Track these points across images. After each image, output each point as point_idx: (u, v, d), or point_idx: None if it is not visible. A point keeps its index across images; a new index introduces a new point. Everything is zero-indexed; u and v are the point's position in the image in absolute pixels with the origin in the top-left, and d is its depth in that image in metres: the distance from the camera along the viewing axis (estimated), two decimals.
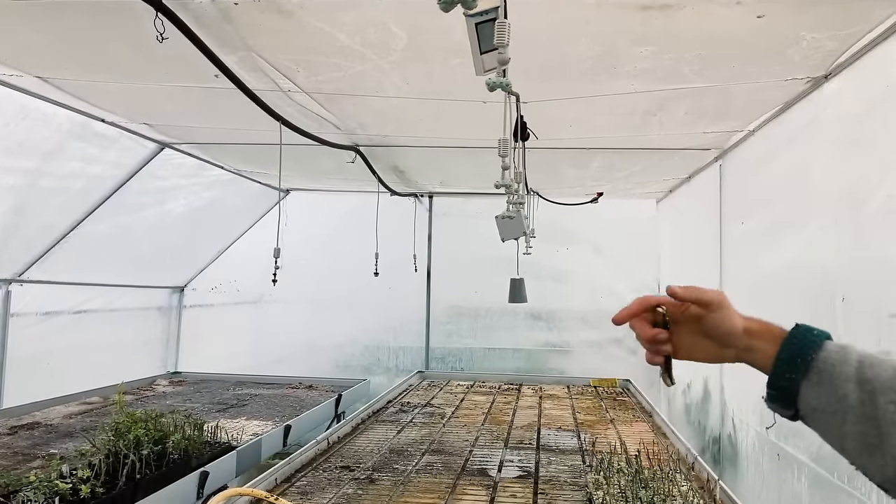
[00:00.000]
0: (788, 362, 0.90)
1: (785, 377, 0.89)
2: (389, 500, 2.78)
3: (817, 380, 0.86)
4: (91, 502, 2.64)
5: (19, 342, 5.44)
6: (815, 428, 0.89)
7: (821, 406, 0.86)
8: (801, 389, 0.88)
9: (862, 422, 0.81)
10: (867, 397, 0.81)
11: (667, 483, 2.70)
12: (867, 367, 0.83)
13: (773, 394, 0.92)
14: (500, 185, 2.23)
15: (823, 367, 0.86)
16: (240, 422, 4.47)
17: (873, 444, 0.80)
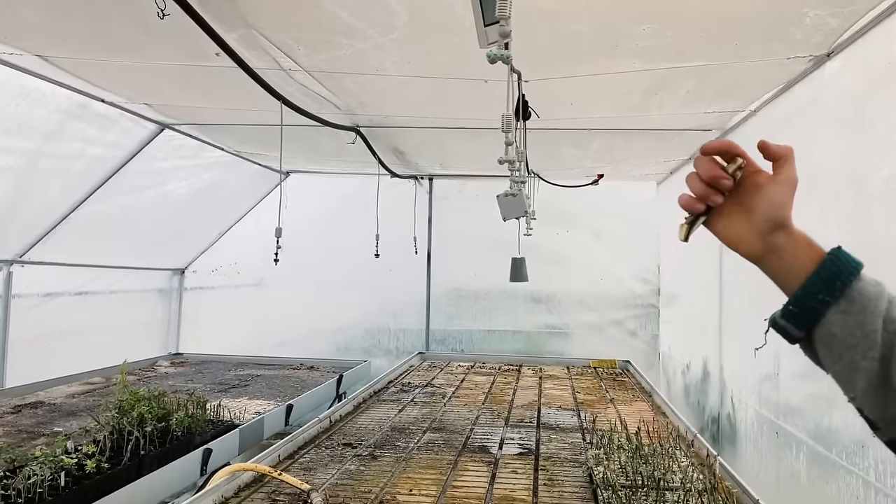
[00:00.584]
0: (827, 283, 0.84)
1: (818, 297, 0.84)
2: (392, 476, 2.80)
3: (846, 307, 0.82)
4: (96, 477, 2.66)
5: (21, 323, 5.46)
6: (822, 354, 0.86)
7: (843, 335, 0.82)
8: (828, 314, 0.83)
9: (876, 360, 0.80)
10: (888, 337, 0.80)
11: (667, 459, 2.73)
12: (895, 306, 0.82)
13: (795, 312, 0.86)
14: (503, 161, 2.24)
15: (858, 298, 0.82)
16: (242, 401, 4.50)
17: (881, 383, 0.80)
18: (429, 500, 2.52)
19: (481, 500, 2.54)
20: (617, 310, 7.71)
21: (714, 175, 0.90)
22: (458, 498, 2.55)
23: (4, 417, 3.97)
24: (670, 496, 2.30)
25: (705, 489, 2.32)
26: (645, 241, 7.57)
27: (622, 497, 2.23)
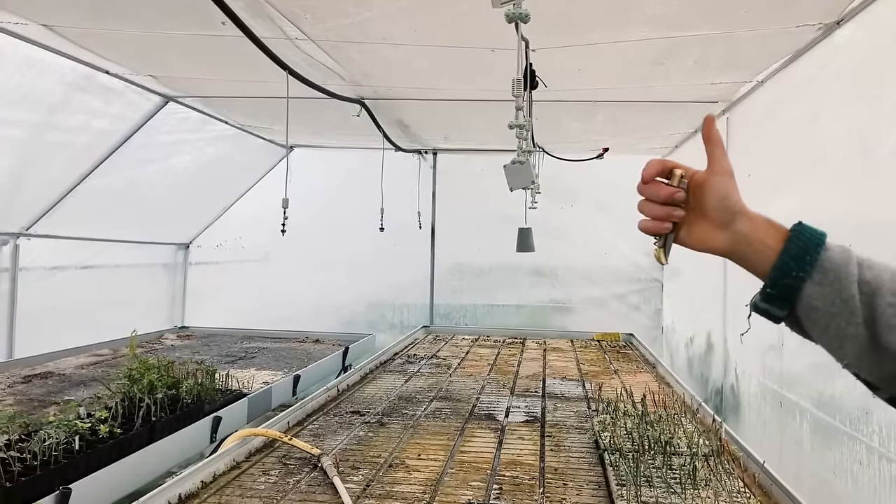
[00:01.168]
0: (797, 259, 0.85)
1: (791, 275, 0.85)
2: (400, 442, 2.84)
3: (820, 279, 0.84)
4: (109, 441, 2.70)
5: (28, 296, 5.49)
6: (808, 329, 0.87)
7: (823, 306, 0.83)
8: (805, 289, 0.85)
9: (860, 324, 0.81)
10: (866, 299, 0.81)
11: (672, 425, 2.76)
12: (866, 268, 0.83)
13: (773, 293, 0.88)
14: (513, 126, 2.24)
15: (829, 267, 0.84)
16: (249, 372, 4.54)
17: (870, 345, 0.81)
18: (437, 464, 2.55)
19: (489, 464, 2.57)
20: (620, 284, 7.73)
21: (668, 193, 0.94)
22: (467, 462, 2.59)
23: (15, 387, 4.01)
24: (677, 460, 2.33)
25: (711, 453, 2.35)
26: None
27: (629, 460, 2.26)
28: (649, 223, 0.96)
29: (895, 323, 0.79)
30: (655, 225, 0.95)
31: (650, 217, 0.95)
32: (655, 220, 0.95)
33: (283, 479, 2.37)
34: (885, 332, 0.80)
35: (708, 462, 2.30)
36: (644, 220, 0.97)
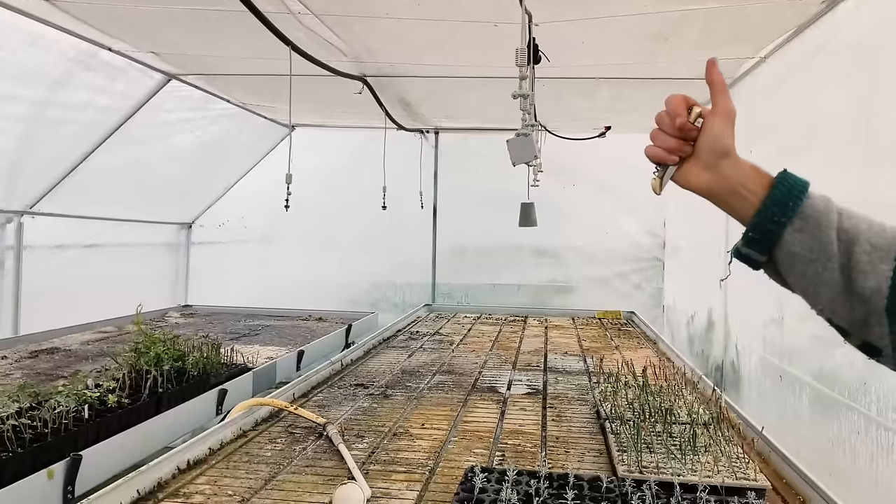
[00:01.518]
0: (780, 205, 0.88)
1: (774, 220, 0.88)
2: (404, 412, 2.87)
3: (801, 226, 0.86)
4: (118, 411, 2.74)
5: (33, 274, 5.52)
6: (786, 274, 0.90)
7: (802, 252, 0.86)
8: (785, 235, 0.87)
9: (836, 269, 0.84)
10: (844, 247, 0.84)
11: (673, 396, 2.79)
12: (845, 218, 0.86)
13: (756, 238, 0.90)
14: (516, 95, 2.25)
15: (811, 214, 0.86)
16: (254, 347, 4.58)
17: (844, 290, 0.84)
18: (441, 433, 2.59)
19: (492, 433, 2.61)
20: (622, 263, 7.75)
21: (683, 126, 0.94)
22: (470, 431, 2.63)
23: (22, 361, 4.05)
24: (677, 428, 2.36)
25: (711, 421, 2.39)
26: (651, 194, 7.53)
27: (630, 427, 2.29)
28: (659, 150, 0.96)
29: (869, 269, 0.82)
30: (665, 154, 0.96)
31: (662, 147, 0.96)
32: (666, 150, 0.96)
33: (289, 446, 2.41)
34: (859, 278, 0.83)
35: (707, 430, 2.33)
36: (652, 146, 0.97)
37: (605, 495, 1.76)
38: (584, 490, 1.80)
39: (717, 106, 0.95)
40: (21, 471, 2.18)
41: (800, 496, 2.00)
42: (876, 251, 0.83)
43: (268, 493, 1.97)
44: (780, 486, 2.09)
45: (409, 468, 2.20)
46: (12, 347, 4.44)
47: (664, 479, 1.89)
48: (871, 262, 0.83)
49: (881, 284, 0.82)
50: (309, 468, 2.19)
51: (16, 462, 2.21)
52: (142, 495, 1.92)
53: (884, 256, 0.83)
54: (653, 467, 2.02)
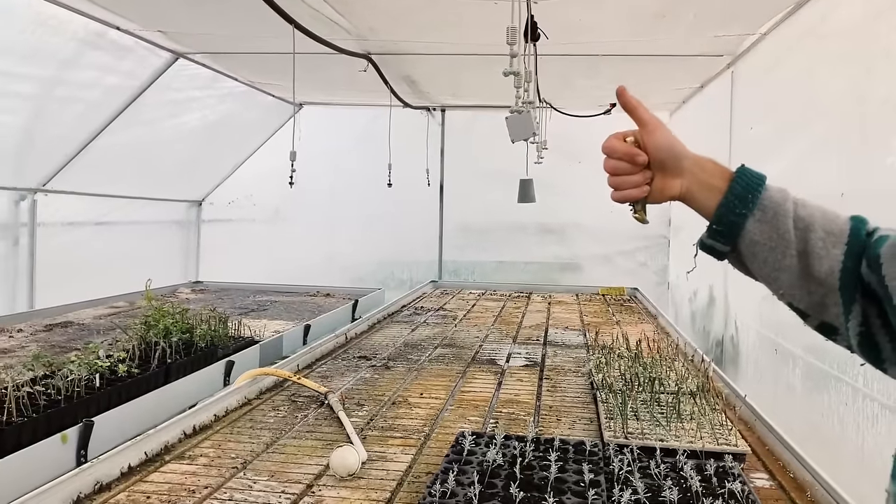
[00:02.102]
0: (740, 198, 0.94)
1: (735, 212, 0.94)
2: (405, 383, 2.97)
3: (761, 216, 0.93)
4: (128, 380, 2.85)
5: (46, 250, 5.65)
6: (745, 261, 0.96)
7: (763, 241, 0.93)
8: (747, 225, 0.94)
9: (794, 255, 0.92)
10: (801, 234, 0.92)
11: (663, 367, 2.86)
12: (801, 207, 0.94)
13: (720, 230, 0.96)
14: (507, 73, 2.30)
15: (769, 205, 0.93)
16: (262, 321, 4.68)
17: (801, 274, 0.92)
18: (438, 402, 2.68)
19: (487, 402, 2.70)
20: (627, 241, 7.80)
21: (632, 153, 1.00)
22: (466, 401, 2.72)
23: (37, 334, 4.18)
24: (664, 398, 2.43)
25: (698, 390, 2.46)
26: None
27: (619, 396, 2.37)
28: (630, 192, 1.01)
29: (824, 254, 0.90)
30: (637, 191, 1.01)
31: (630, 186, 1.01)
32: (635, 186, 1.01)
33: (291, 414, 2.51)
34: (815, 263, 0.91)
35: (695, 399, 2.41)
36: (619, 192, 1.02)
37: (588, 458, 1.85)
38: (568, 453, 1.88)
39: (646, 122, 1.01)
40: (36, 435, 2.29)
41: (779, 461, 2.08)
42: (829, 237, 0.91)
43: (269, 456, 2.07)
44: (762, 452, 2.17)
45: (406, 434, 2.29)
46: (28, 321, 4.57)
47: (647, 444, 1.97)
48: (825, 247, 0.90)
49: (834, 267, 0.89)
50: (309, 433, 2.29)
51: (31, 427, 2.33)
52: (149, 457, 2.02)
53: (836, 241, 0.90)
54: (638, 433, 2.11)
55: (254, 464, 2.01)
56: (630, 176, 1.01)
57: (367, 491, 1.82)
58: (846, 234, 0.90)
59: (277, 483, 1.87)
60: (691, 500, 1.62)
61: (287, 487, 1.84)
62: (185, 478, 1.89)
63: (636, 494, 1.59)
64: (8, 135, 4.92)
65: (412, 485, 1.87)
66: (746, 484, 1.71)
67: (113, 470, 1.87)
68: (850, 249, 0.89)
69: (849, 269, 0.89)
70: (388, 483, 1.87)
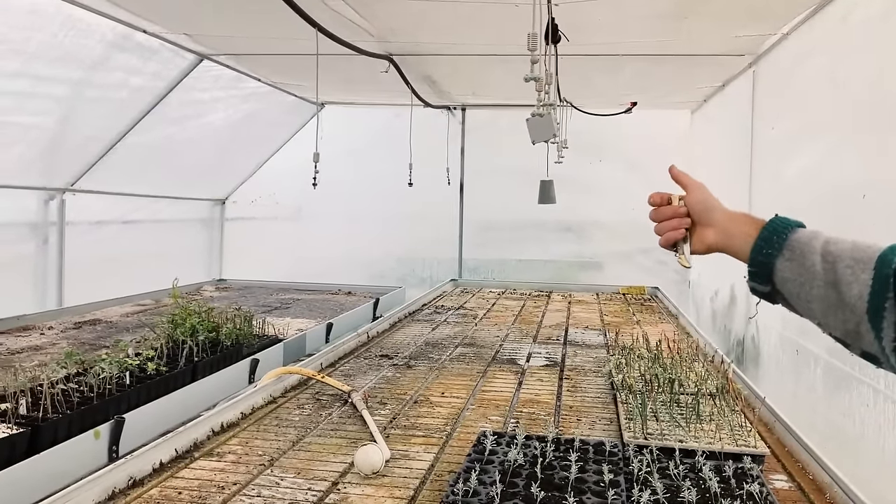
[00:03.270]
0: (766, 240, 1.06)
1: (763, 252, 1.05)
2: (426, 382, 3.01)
3: (790, 255, 1.02)
4: (157, 378, 2.92)
5: (75, 248, 5.77)
6: (787, 298, 1.05)
7: (792, 277, 1.02)
8: (776, 264, 1.04)
9: (824, 286, 0.98)
10: (829, 266, 0.98)
11: (683, 368, 2.88)
12: (832, 244, 1.00)
13: (753, 271, 1.07)
14: (529, 79, 2.33)
15: (795, 245, 1.02)
16: (285, 320, 4.76)
17: (834, 303, 0.97)
18: (459, 401, 2.72)
19: (508, 401, 2.74)
20: (648, 239, 7.70)
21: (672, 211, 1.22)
22: (487, 400, 2.76)
23: (67, 332, 4.28)
24: (684, 398, 2.46)
25: (717, 391, 2.48)
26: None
27: (638, 398, 2.40)
28: (669, 234, 1.21)
29: (853, 280, 0.95)
30: (674, 233, 1.21)
31: (669, 230, 1.22)
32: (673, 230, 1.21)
33: (316, 412, 2.56)
34: (845, 289, 0.96)
35: (714, 400, 2.42)
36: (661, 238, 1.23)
37: (608, 458, 1.88)
38: (588, 454, 1.91)
39: (689, 186, 1.24)
40: (71, 431, 2.37)
41: (799, 463, 2.09)
42: (858, 264, 0.96)
43: (295, 454, 2.12)
44: (781, 454, 2.18)
45: (428, 433, 2.34)
46: (58, 318, 4.68)
47: (665, 445, 1.99)
48: (853, 273, 0.96)
49: (863, 292, 0.94)
50: (334, 432, 2.34)
51: (66, 423, 2.40)
52: (179, 454, 2.08)
53: (864, 268, 0.95)
54: (657, 434, 2.13)
55: (280, 461, 2.06)
56: (668, 221, 1.22)
57: (390, 489, 1.86)
58: (874, 261, 0.95)
59: (304, 480, 1.92)
60: (710, 501, 1.65)
61: (313, 485, 1.89)
62: (214, 474, 1.95)
63: (655, 495, 1.62)
64: (40, 137, 5.04)
65: (435, 483, 1.91)
66: (765, 485, 1.73)
67: (145, 466, 1.94)
68: (878, 273, 0.93)
69: (877, 291, 0.93)
70: (411, 481, 1.92)
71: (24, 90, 4.51)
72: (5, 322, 4.33)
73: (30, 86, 4.51)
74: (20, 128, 4.78)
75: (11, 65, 4.24)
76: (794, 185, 4.04)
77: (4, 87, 4.33)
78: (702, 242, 1.19)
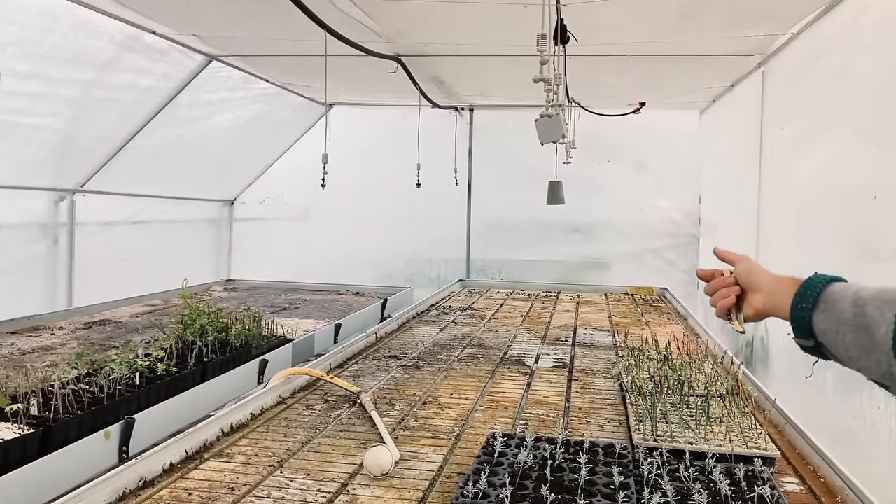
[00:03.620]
0: (802, 296, 1.12)
1: (799, 307, 1.11)
2: (434, 383, 3.01)
3: (824, 307, 1.08)
4: (166, 379, 2.93)
5: (85, 249, 5.80)
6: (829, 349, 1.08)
7: (828, 327, 1.06)
8: (813, 318, 1.09)
9: (856, 330, 1.01)
10: (859, 310, 1.01)
11: (693, 369, 2.87)
12: (862, 290, 1.04)
13: (794, 326, 1.13)
14: (538, 80, 2.33)
15: (829, 297, 1.08)
16: (294, 320, 4.76)
17: (868, 346, 1.00)
18: (468, 402, 2.72)
19: (517, 403, 2.74)
20: (656, 239, 7.76)
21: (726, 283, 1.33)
22: (496, 401, 2.75)
23: (77, 332, 4.30)
24: (694, 400, 2.45)
25: (727, 393, 2.47)
26: (687, 171, 7.55)
27: (648, 400, 2.39)
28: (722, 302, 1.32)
29: (880, 319, 0.98)
30: (725, 301, 1.32)
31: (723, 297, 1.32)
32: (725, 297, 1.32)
33: (324, 413, 2.57)
34: (874, 329, 0.99)
35: (724, 402, 2.42)
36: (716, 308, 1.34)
37: (617, 461, 1.87)
38: (598, 455, 1.91)
39: (735, 259, 1.36)
40: (81, 431, 2.38)
41: (810, 465, 2.08)
42: (885, 304, 0.99)
43: (304, 455, 2.13)
44: (792, 456, 2.17)
45: (437, 434, 2.34)
46: (68, 319, 4.70)
47: (676, 447, 1.99)
48: (881, 314, 0.99)
49: (889, 330, 0.97)
50: (343, 433, 2.34)
51: (77, 424, 2.41)
52: (189, 454, 2.09)
53: (891, 307, 0.98)
54: (667, 436, 2.12)
55: (290, 462, 2.07)
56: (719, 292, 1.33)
57: (400, 490, 1.86)
58: None
59: (313, 482, 1.92)
60: (721, 503, 1.64)
61: (322, 486, 1.89)
62: (224, 475, 1.96)
63: (665, 497, 1.62)
64: (51, 138, 5.07)
65: (444, 485, 1.91)
66: (776, 488, 1.72)
67: (155, 467, 1.94)
68: None
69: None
70: (420, 483, 1.92)
71: (35, 91, 4.54)
72: (16, 322, 4.36)
73: (41, 87, 4.54)
74: (32, 129, 4.81)
75: (24, 66, 4.27)
76: (804, 186, 4.03)
77: (17, 89, 4.35)
78: (751, 307, 1.28)
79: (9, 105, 4.47)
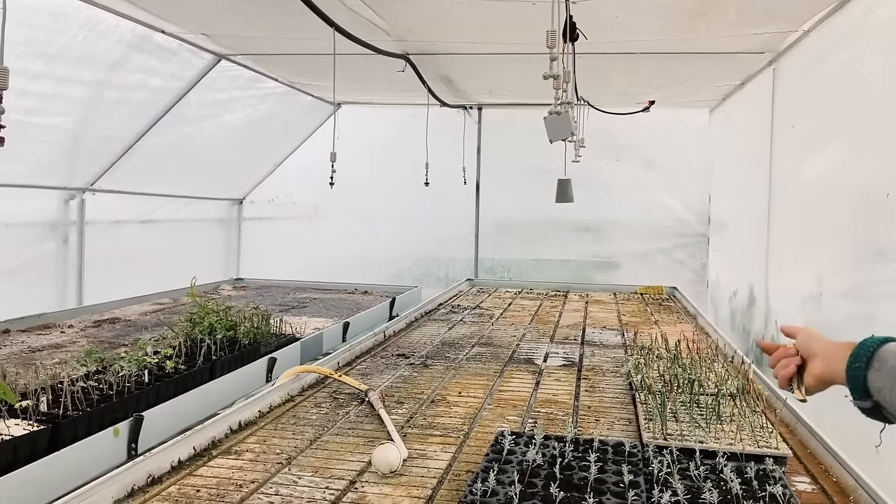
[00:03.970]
0: (856, 356, 1.13)
1: (854, 367, 1.13)
2: (443, 381, 3.00)
3: (878, 366, 1.09)
4: (175, 376, 2.94)
5: (94, 247, 5.83)
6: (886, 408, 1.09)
7: (882, 384, 1.08)
8: (868, 377, 1.10)
9: None
10: None
11: (703, 368, 2.85)
12: None
13: (850, 387, 1.14)
14: (547, 76, 2.32)
15: (883, 356, 1.09)
16: (302, 318, 4.77)
17: None
18: (477, 401, 2.71)
19: (525, 401, 2.72)
20: (666, 239, 7.73)
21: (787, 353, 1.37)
22: (504, 400, 2.74)
23: (87, 330, 4.32)
24: (704, 399, 2.43)
25: (738, 392, 2.45)
26: (696, 169, 7.51)
27: (658, 398, 2.37)
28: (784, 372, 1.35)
29: None
30: (786, 371, 1.34)
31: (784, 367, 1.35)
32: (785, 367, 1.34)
33: (333, 411, 2.56)
34: None
35: (735, 401, 2.40)
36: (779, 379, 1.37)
37: (627, 459, 1.86)
38: (607, 454, 1.90)
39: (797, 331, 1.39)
40: (90, 428, 2.38)
41: (822, 464, 2.06)
42: None
43: (312, 452, 2.12)
44: (804, 455, 2.15)
45: (445, 432, 2.33)
46: (78, 317, 4.72)
47: (686, 446, 1.97)
48: None
49: None
50: (351, 430, 2.34)
51: (86, 420, 2.42)
52: (198, 451, 2.09)
53: None
54: (677, 435, 2.11)
55: (298, 459, 2.06)
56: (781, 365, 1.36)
57: (408, 488, 1.85)
58: None
59: (321, 479, 1.92)
60: (732, 502, 1.63)
61: (331, 483, 1.88)
62: (233, 472, 1.95)
63: (676, 496, 1.60)
64: (62, 137, 5.09)
65: (452, 483, 1.90)
66: (788, 487, 1.70)
67: (164, 463, 1.94)
68: None
69: None
70: (428, 480, 1.91)
71: (45, 91, 4.56)
72: (27, 320, 4.38)
73: (51, 87, 4.56)
74: (42, 129, 4.83)
75: (35, 66, 4.29)
76: (815, 184, 4.00)
77: (28, 88, 4.37)
78: (811, 374, 1.29)
79: (19, 105, 4.48)
